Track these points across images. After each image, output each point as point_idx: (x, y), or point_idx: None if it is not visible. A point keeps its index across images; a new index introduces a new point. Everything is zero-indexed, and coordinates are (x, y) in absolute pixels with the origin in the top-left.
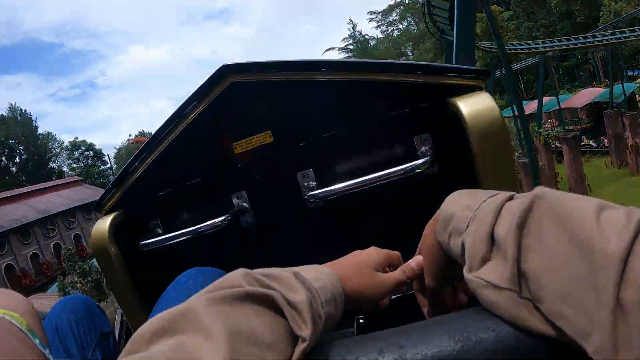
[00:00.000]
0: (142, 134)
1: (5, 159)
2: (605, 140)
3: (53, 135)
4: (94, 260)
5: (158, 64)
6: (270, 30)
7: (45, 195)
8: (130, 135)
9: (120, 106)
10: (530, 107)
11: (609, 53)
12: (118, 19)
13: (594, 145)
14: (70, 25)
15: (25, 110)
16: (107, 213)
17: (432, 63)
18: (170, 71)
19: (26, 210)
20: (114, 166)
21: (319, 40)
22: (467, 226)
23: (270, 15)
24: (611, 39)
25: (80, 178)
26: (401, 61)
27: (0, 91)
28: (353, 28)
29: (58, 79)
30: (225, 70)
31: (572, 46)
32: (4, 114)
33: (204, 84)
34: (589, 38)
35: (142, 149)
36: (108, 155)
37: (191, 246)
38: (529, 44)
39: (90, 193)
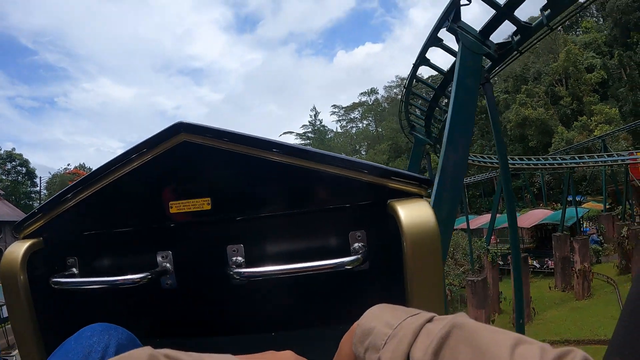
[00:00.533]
0: (82, 167)
1: None
2: (550, 262)
3: None
4: None
5: (121, 103)
6: (237, 102)
7: None
8: (69, 165)
9: (71, 133)
10: (475, 222)
11: (567, 176)
12: (97, 47)
13: (537, 265)
14: (51, 36)
15: None
16: (26, 238)
17: (379, 164)
18: (131, 114)
19: None
20: (44, 191)
21: (280, 121)
22: (385, 343)
23: (241, 88)
24: (570, 163)
25: (1, 192)
26: (350, 157)
27: None
28: (315, 116)
29: (21, 85)
30: (180, 127)
31: (532, 165)
32: None
33: (157, 134)
34: (549, 160)
35: (80, 181)
36: (40, 177)
37: (105, 296)
38: (490, 158)
39: (7, 211)
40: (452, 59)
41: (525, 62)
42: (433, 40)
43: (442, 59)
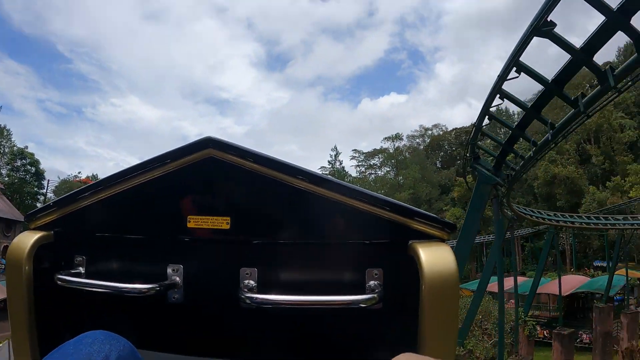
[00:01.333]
0: (94, 177)
1: None
2: (585, 336)
3: (8, 131)
4: None
5: (146, 123)
6: (259, 137)
7: None
8: (79, 173)
9: (93, 144)
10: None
11: (618, 240)
12: (131, 65)
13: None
14: (88, 47)
15: None
16: (37, 229)
17: (402, 203)
18: (153, 135)
19: None
20: (50, 195)
21: (299, 161)
22: None
23: (264, 124)
24: (624, 224)
25: (1, 187)
26: (374, 193)
27: (1, 72)
28: (335, 156)
29: (52, 89)
30: (209, 142)
31: (584, 225)
32: None
33: (184, 146)
34: (601, 220)
35: (100, 182)
36: (49, 180)
37: (108, 301)
38: (540, 212)
39: (2, 208)
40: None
41: (554, 118)
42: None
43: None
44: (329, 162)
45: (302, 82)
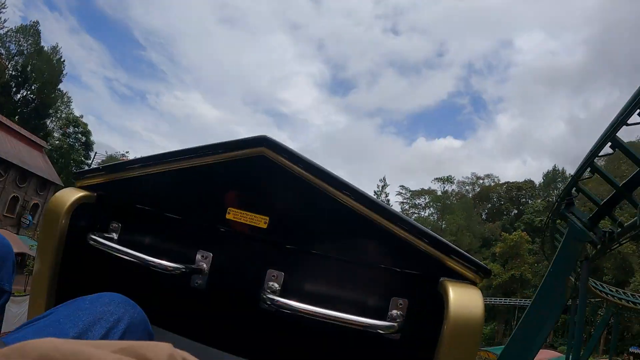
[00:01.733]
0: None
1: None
2: None
3: (69, 98)
4: None
5: (203, 121)
6: (310, 155)
7: None
8: (127, 152)
9: (149, 130)
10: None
11: None
12: (200, 63)
13: None
14: (162, 39)
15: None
16: (82, 188)
17: (442, 238)
18: (208, 134)
19: None
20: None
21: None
22: None
23: (317, 144)
24: None
25: (46, 146)
26: (415, 222)
27: (76, 45)
28: (382, 187)
29: (121, 71)
30: (263, 141)
31: None
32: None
33: (239, 140)
34: None
35: (151, 157)
36: (96, 153)
37: (132, 271)
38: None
39: (41, 167)
40: None
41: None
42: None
43: None
44: (375, 192)
45: (361, 111)
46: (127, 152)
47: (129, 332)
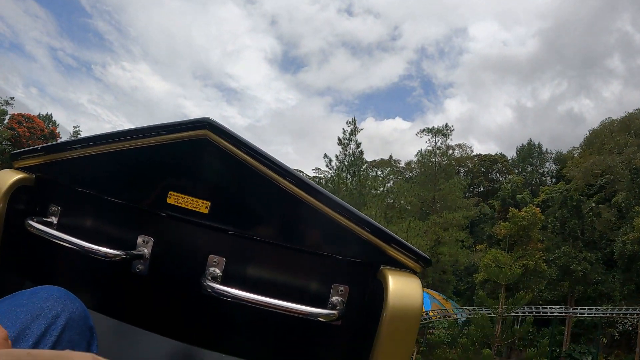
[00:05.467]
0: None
1: None
2: None
3: None
4: None
5: (151, 93)
6: (259, 133)
7: None
8: (78, 127)
9: (95, 103)
10: None
11: None
12: (149, 33)
13: None
14: (110, 7)
15: None
16: (20, 169)
17: (383, 228)
18: (156, 107)
19: None
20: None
21: (291, 163)
22: None
23: (267, 121)
24: None
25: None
26: (358, 211)
27: (21, 11)
28: (351, 133)
29: (67, 40)
30: (207, 124)
31: None
32: None
33: (181, 122)
34: None
35: (92, 137)
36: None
37: (71, 257)
38: None
39: None
40: None
41: None
42: None
43: None
44: (339, 139)
45: (312, 89)
46: (78, 127)
47: (68, 328)
